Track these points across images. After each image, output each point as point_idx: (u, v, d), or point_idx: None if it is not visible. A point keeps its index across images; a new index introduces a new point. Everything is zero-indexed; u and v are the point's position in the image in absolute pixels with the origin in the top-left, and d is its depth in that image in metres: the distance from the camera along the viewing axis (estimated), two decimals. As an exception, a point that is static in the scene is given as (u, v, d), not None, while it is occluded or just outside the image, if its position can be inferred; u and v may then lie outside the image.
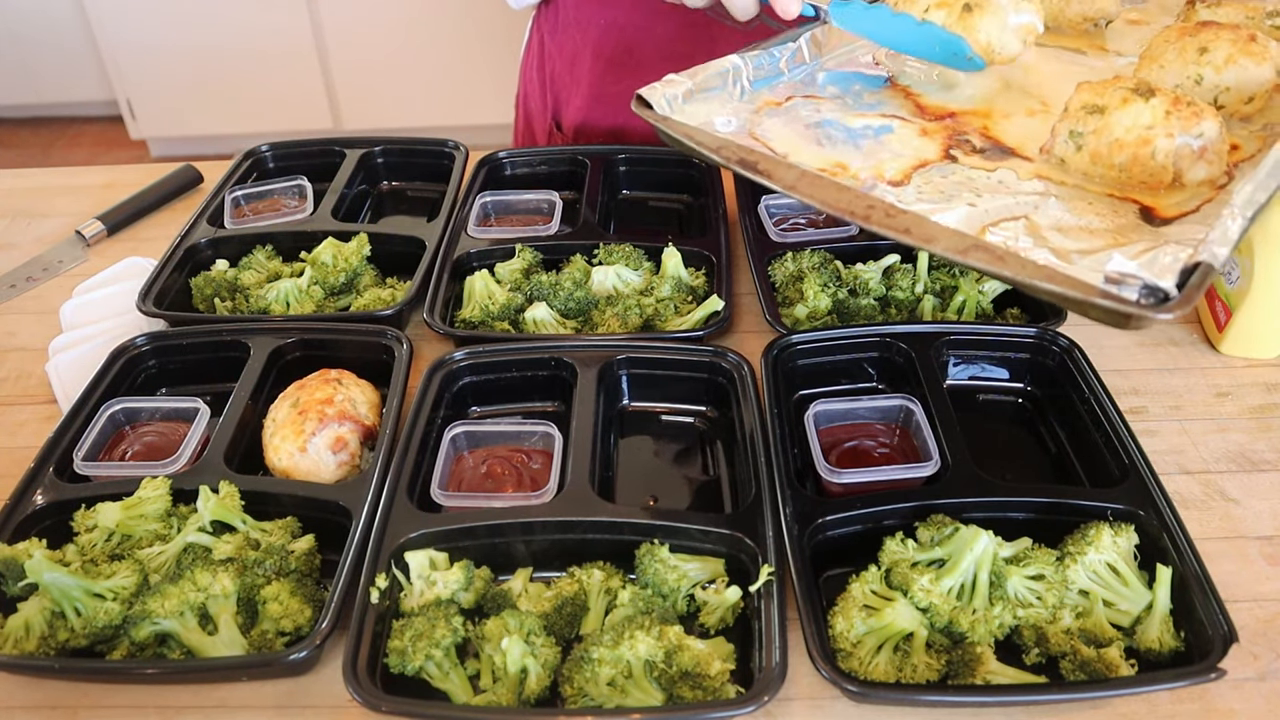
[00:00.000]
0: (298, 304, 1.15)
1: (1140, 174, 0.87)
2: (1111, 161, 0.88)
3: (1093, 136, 0.88)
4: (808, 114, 1.00)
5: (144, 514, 0.87)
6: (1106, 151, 0.88)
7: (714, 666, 0.76)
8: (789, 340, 1.03)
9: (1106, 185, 0.88)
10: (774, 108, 1.01)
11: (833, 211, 0.84)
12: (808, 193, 0.86)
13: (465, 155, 1.41)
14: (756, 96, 1.04)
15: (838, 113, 1.01)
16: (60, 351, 1.13)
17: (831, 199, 0.85)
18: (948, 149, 0.94)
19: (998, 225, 0.81)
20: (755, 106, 1.02)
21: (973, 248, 0.78)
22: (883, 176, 0.89)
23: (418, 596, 0.82)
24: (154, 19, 3.70)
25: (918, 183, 0.88)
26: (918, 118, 1.00)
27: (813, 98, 1.04)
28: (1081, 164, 0.90)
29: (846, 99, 1.04)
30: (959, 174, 0.90)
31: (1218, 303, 1.09)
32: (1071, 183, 0.89)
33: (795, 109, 1.01)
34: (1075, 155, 0.90)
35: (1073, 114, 0.90)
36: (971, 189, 0.87)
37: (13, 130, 4.42)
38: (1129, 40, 1.18)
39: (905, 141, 0.96)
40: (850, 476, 0.89)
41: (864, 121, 0.99)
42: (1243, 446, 0.98)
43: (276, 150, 1.45)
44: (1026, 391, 1.05)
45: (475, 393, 1.04)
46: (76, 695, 0.80)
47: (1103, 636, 0.79)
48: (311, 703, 0.79)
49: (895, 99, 1.04)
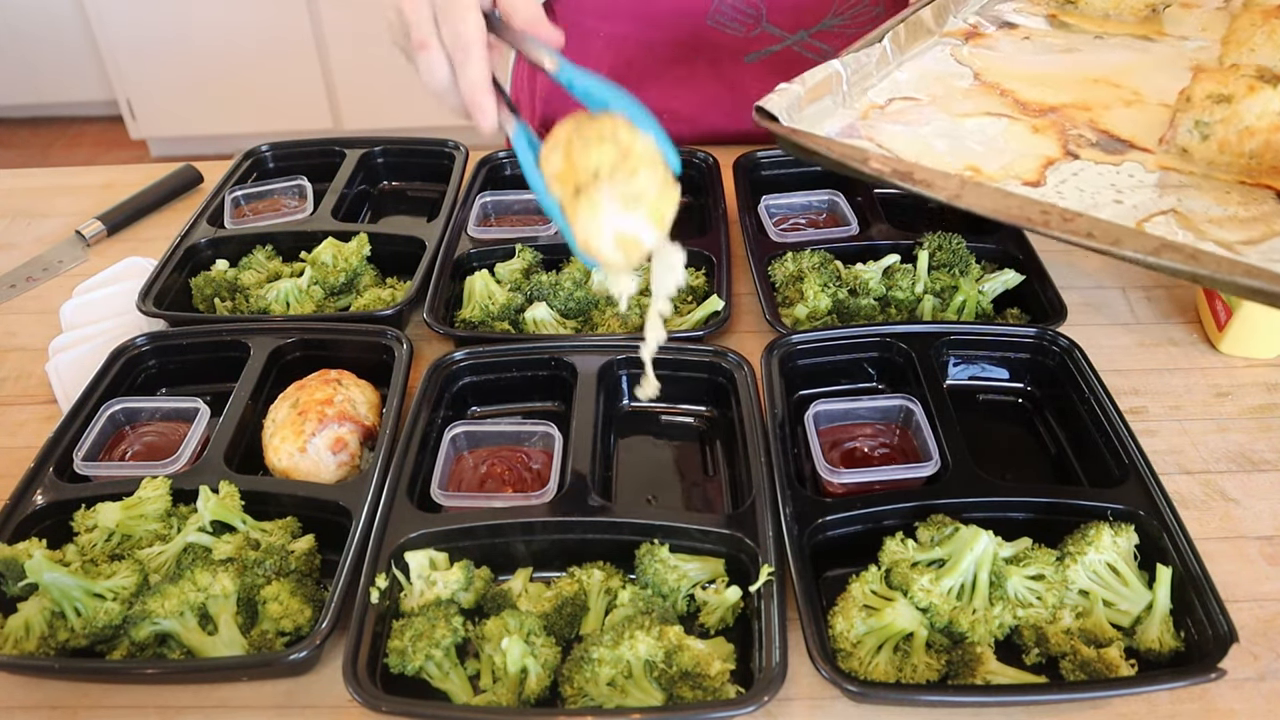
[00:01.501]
0: (298, 304, 1.15)
1: (1272, 159, 0.86)
2: (1241, 149, 0.87)
3: (1220, 125, 0.88)
4: (915, 117, 0.98)
5: (144, 514, 0.87)
6: (1236, 140, 0.87)
7: (714, 666, 0.76)
8: (789, 340, 1.03)
9: (1235, 173, 0.88)
10: (878, 110, 0.99)
11: (1005, 219, 0.81)
12: (974, 201, 0.83)
13: (465, 155, 1.41)
14: (859, 100, 1.01)
15: (942, 114, 0.98)
16: (60, 351, 1.13)
17: (1001, 207, 0.82)
18: (1065, 145, 0.93)
19: (1149, 220, 0.80)
20: (860, 112, 1.00)
21: (1163, 247, 0.76)
22: (1018, 176, 0.87)
23: (418, 597, 0.82)
24: (154, 19, 3.69)
25: (1054, 181, 0.87)
26: (1022, 115, 0.98)
27: (910, 100, 1.01)
28: (1208, 153, 0.89)
29: (942, 99, 1.01)
30: (1089, 170, 0.88)
31: (1218, 303, 1.09)
32: (1199, 173, 0.88)
33: (898, 113, 0.99)
34: (1200, 145, 0.89)
35: (1197, 104, 0.89)
36: (1110, 185, 0.86)
37: (13, 130, 4.42)
38: (1186, 25, 1.16)
39: (1021, 139, 0.94)
40: (850, 476, 0.89)
41: (974, 121, 0.97)
42: (1243, 446, 0.98)
43: (276, 150, 1.45)
44: (1026, 391, 1.05)
45: (475, 393, 1.04)
46: (76, 695, 0.80)
47: (1103, 636, 0.79)
48: (311, 703, 0.79)
49: (990, 95, 1.02)
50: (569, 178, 0.73)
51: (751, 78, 1.41)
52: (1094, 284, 1.20)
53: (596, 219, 0.72)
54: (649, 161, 0.72)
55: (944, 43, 1.15)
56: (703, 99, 1.42)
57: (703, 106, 1.40)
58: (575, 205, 0.73)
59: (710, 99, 1.43)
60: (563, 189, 0.74)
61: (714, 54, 1.35)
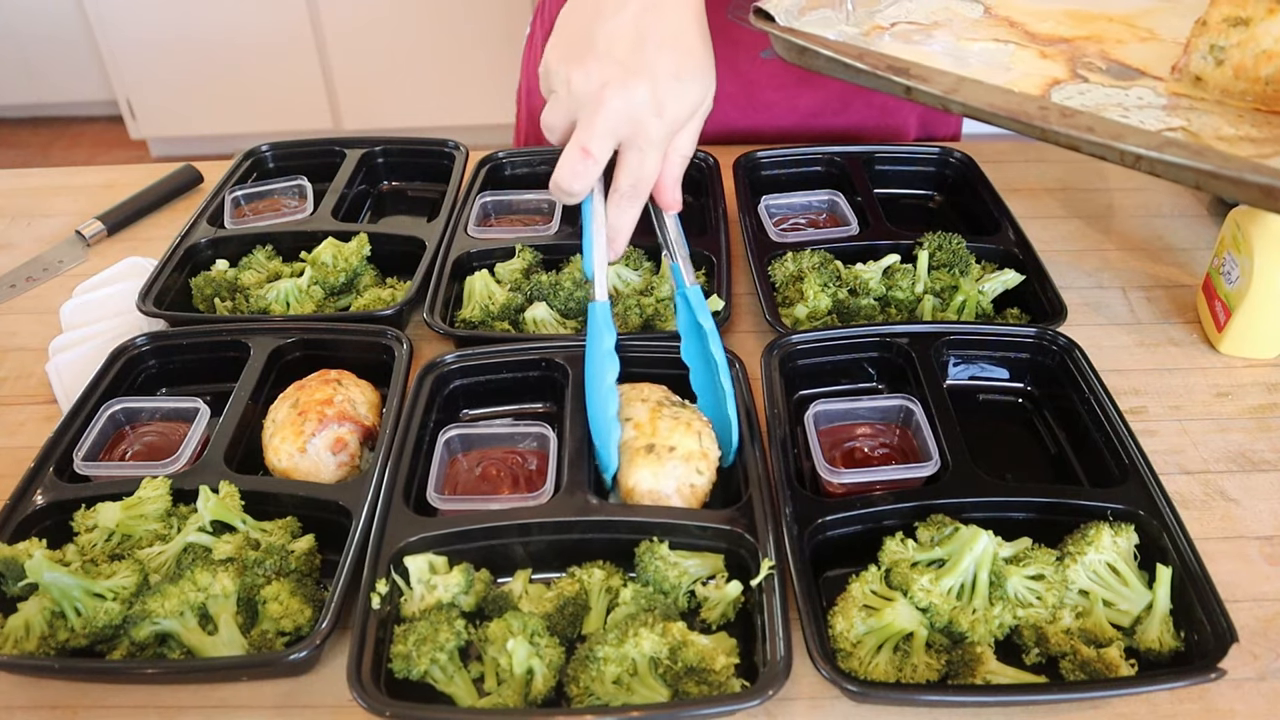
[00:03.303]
0: (298, 304, 1.15)
1: None
2: (1257, 74, 0.84)
3: (1236, 50, 0.85)
4: (920, 38, 0.96)
5: (144, 514, 0.87)
6: (1253, 64, 0.84)
7: (719, 661, 0.76)
8: (789, 340, 1.03)
9: (1251, 100, 0.85)
10: (881, 32, 0.97)
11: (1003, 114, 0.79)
12: (971, 96, 0.81)
13: (465, 155, 1.41)
14: (864, 20, 1.00)
15: (949, 36, 0.97)
16: (60, 351, 1.13)
17: (1000, 102, 0.80)
18: (1074, 69, 0.90)
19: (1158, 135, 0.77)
20: (863, 30, 0.98)
21: (1166, 143, 0.73)
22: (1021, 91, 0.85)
23: (418, 601, 0.81)
24: (154, 19, 3.69)
25: (1058, 98, 0.85)
26: (1031, 43, 0.96)
27: (916, 24, 1.00)
28: (1222, 79, 0.86)
29: (951, 25, 1.00)
30: (1096, 92, 0.86)
31: (1217, 302, 1.09)
32: (1212, 99, 0.86)
33: (904, 33, 0.97)
34: (1215, 70, 0.86)
35: (1213, 27, 0.86)
36: (1116, 105, 0.84)
37: (13, 130, 4.42)
38: None
39: (1028, 62, 0.91)
40: (850, 476, 0.89)
41: (980, 44, 0.95)
42: (1243, 446, 0.98)
43: (276, 150, 1.45)
44: (1026, 391, 1.05)
45: (467, 395, 1.04)
46: (76, 695, 0.80)
47: (1103, 636, 0.79)
48: (312, 703, 0.79)
49: (1000, 26, 1.00)
50: (648, 433, 0.89)
51: (765, 75, 1.40)
52: (1094, 284, 1.20)
53: (645, 470, 0.87)
54: (712, 461, 0.89)
55: None
56: (719, 95, 1.43)
57: (718, 102, 1.40)
58: (636, 450, 0.88)
59: (724, 95, 1.44)
60: (638, 432, 0.89)
61: (732, 50, 1.34)
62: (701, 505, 0.88)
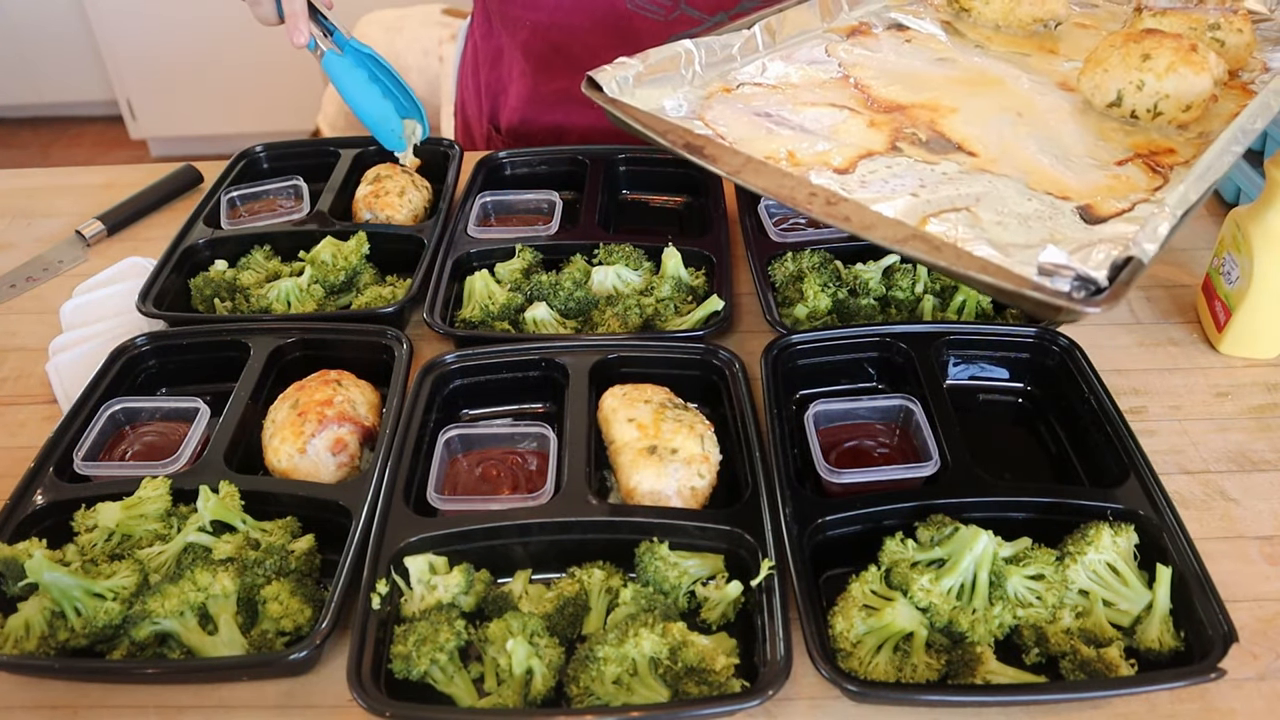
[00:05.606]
0: (298, 303, 1.15)
1: None
2: None
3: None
4: (759, 103, 1.01)
5: (144, 514, 0.87)
6: None
7: (719, 661, 0.76)
8: (789, 340, 1.03)
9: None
10: (725, 94, 1.02)
11: (776, 198, 0.85)
12: (752, 179, 0.87)
13: (460, 155, 1.41)
14: (708, 83, 1.04)
15: (787, 102, 1.02)
16: (60, 351, 1.13)
17: (774, 186, 0.86)
18: (893, 141, 0.96)
19: (939, 216, 0.83)
20: (706, 93, 1.03)
21: (911, 237, 0.79)
22: (829, 164, 0.91)
23: (418, 601, 0.81)
24: (154, 19, 3.70)
25: (862, 172, 0.90)
26: (867, 109, 1.02)
27: (763, 85, 1.04)
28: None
29: (797, 88, 1.05)
30: (902, 164, 0.92)
31: (1217, 303, 1.09)
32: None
33: (746, 96, 1.02)
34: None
35: None
36: (916, 179, 0.89)
37: (13, 130, 4.42)
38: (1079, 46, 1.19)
39: (853, 131, 0.97)
40: (850, 476, 0.88)
41: (814, 111, 1.00)
42: (1243, 446, 0.98)
43: (270, 151, 1.45)
44: (1026, 391, 1.05)
45: (467, 395, 1.04)
46: (76, 695, 0.80)
47: (1103, 636, 0.79)
48: (312, 703, 0.79)
49: (845, 89, 1.06)
50: (651, 435, 0.90)
51: None
52: (1094, 284, 1.20)
53: (647, 472, 0.88)
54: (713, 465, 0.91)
55: (826, 37, 1.18)
56: None
57: None
58: (639, 452, 0.89)
59: None
60: (641, 434, 0.90)
61: (635, 38, 1.34)
62: (701, 507, 0.88)
